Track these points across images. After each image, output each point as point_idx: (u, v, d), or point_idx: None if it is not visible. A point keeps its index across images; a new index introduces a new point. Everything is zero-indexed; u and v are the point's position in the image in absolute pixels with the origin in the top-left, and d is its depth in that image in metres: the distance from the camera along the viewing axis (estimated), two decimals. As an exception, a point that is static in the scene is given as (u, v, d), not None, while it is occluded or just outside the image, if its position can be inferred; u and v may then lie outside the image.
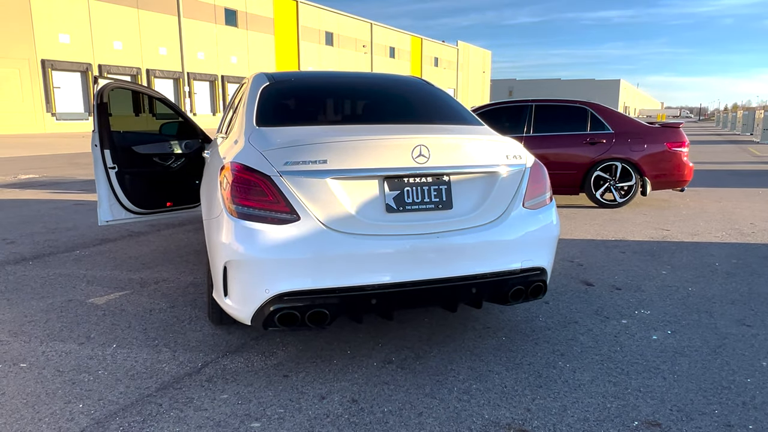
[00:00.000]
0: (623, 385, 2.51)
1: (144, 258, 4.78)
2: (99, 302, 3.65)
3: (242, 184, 2.43)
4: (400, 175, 2.51)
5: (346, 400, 2.39)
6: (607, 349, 2.89)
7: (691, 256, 4.80)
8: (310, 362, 2.75)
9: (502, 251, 2.62)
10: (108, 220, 4.54)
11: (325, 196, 2.40)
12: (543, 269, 2.77)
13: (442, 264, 2.50)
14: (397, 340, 3.00)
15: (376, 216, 2.47)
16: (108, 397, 2.43)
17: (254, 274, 2.37)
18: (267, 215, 2.39)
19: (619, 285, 3.98)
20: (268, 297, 2.37)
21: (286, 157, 2.42)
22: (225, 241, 2.44)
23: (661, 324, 3.24)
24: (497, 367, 2.69)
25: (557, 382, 2.54)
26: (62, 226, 6.12)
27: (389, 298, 2.47)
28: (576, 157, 7.32)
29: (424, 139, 2.51)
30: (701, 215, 6.80)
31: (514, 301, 2.74)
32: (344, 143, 2.44)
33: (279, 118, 2.88)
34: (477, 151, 2.64)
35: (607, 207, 7.32)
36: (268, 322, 2.42)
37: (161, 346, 2.96)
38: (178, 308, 3.53)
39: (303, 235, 2.36)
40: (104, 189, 4.47)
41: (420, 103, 3.28)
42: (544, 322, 3.26)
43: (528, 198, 2.76)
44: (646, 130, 7.26)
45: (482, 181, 2.66)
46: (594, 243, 5.31)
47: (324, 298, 2.39)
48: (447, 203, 2.58)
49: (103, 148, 4.39)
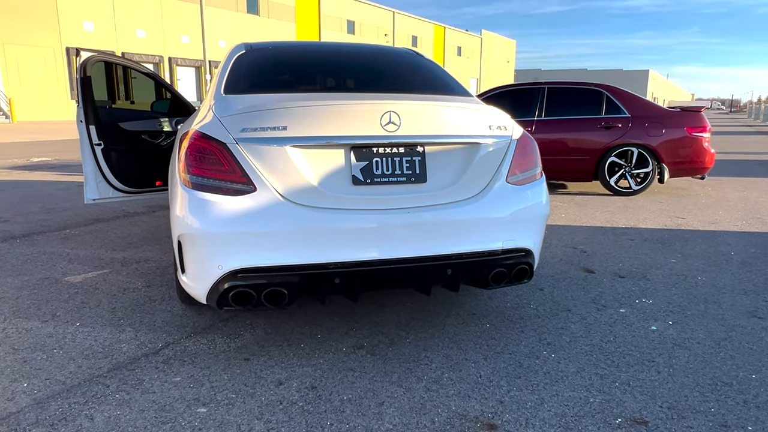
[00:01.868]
0: (611, 378, 2.28)
1: (132, 238, 4.67)
2: (74, 280, 3.54)
3: (197, 153, 2.25)
4: (369, 145, 2.30)
5: (305, 387, 2.21)
6: (599, 339, 2.65)
7: (705, 244, 4.50)
8: (275, 346, 2.58)
9: (482, 229, 2.40)
10: (94, 199, 4.43)
11: (285, 166, 2.21)
12: (528, 251, 2.54)
13: (413, 242, 2.30)
14: (372, 325, 2.81)
15: (341, 189, 2.27)
16: (56, 377, 2.29)
17: (207, 249, 2.20)
18: (221, 185, 2.21)
19: (622, 273, 3.72)
20: (222, 274, 2.20)
21: (243, 124, 2.23)
22: (178, 214, 2.28)
23: (663, 314, 2.98)
24: (475, 356, 2.48)
25: (538, 373, 2.32)
26: (60, 206, 6.06)
27: (354, 277, 2.28)
28: (590, 142, 6.99)
29: (395, 105, 2.30)
30: (721, 204, 6.43)
31: (496, 284, 2.52)
32: (306, 108, 2.24)
33: (247, 85, 2.69)
34: (456, 120, 2.42)
35: (622, 195, 6.99)
36: (223, 301, 2.25)
37: (126, 325, 2.83)
38: (154, 288, 3.40)
39: (259, 208, 2.18)
40: (90, 166, 4.36)
41: (403, 72, 3.06)
42: (535, 310, 3.03)
43: (513, 173, 2.53)
44: (665, 114, 6.90)
45: (461, 153, 2.44)
46: (602, 230, 5.03)
47: (282, 277, 2.21)
48: (420, 176, 2.36)
49: (88, 124, 4.26)
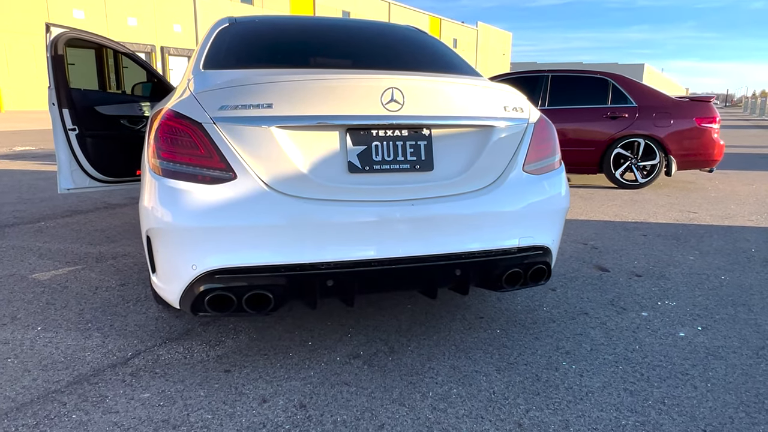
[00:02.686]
0: (642, 395, 2.00)
1: (111, 231, 4.34)
2: (42, 278, 3.22)
3: (168, 134, 1.94)
4: (367, 126, 2.00)
5: (293, 405, 1.92)
6: (623, 348, 2.37)
7: (722, 240, 4.23)
8: (260, 355, 2.28)
9: (496, 225, 2.11)
10: (69, 188, 4.11)
11: (270, 149, 1.91)
12: (546, 249, 2.25)
13: (417, 239, 2.00)
14: (370, 330, 2.52)
15: (335, 177, 1.97)
16: (6, 393, 1.99)
17: (178, 246, 1.89)
18: (196, 172, 1.90)
19: (639, 271, 3.44)
20: (196, 275, 1.90)
21: (222, 100, 1.92)
22: (147, 205, 1.97)
23: (690, 318, 2.71)
24: (486, 367, 2.19)
25: (559, 388, 2.04)
26: (37, 197, 5.72)
27: (350, 279, 1.98)
28: (595, 132, 6.71)
29: (397, 81, 1.99)
30: (732, 198, 6.17)
31: (510, 286, 2.23)
32: (295, 83, 1.93)
33: (230, 60, 2.38)
34: (467, 100, 2.12)
35: (628, 188, 6.72)
36: (198, 306, 1.95)
37: (93, 330, 2.52)
38: (129, 287, 3.09)
39: (239, 198, 1.87)
40: (64, 153, 4.03)
41: (406, 50, 2.75)
42: (549, 313, 2.74)
43: (530, 161, 2.23)
44: (674, 104, 6.61)
45: (472, 138, 2.14)
46: (611, 224, 4.75)
47: (266, 278, 1.91)
48: (426, 163, 2.06)
49: (61, 108, 3.93)
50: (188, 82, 2.20)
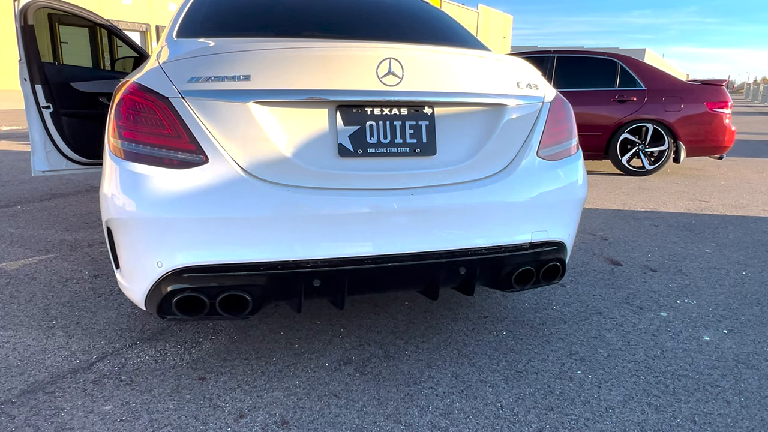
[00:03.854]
0: (669, 412, 1.77)
1: (90, 216, 4.09)
2: (10, 268, 2.97)
3: (131, 110, 1.67)
4: (361, 103, 1.73)
5: (273, 421, 1.69)
6: (643, 354, 2.14)
7: (739, 232, 3.99)
8: (240, 359, 2.05)
9: (506, 217, 1.86)
10: (43, 171, 3.84)
11: (247, 129, 1.64)
12: (561, 244, 2.01)
13: (417, 233, 1.75)
14: (363, 331, 2.28)
15: (322, 161, 1.71)
16: (-52, 403, 1.75)
17: (141, 240, 1.64)
18: (161, 155, 1.64)
19: (653, 265, 3.20)
20: (162, 273, 1.65)
21: (191, 72, 1.65)
22: (106, 192, 1.71)
23: (714, 320, 2.48)
24: (492, 376, 1.96)
25: (575, 402, 1.81)
26: (17, 179, 5.45)
27: (340, 279, 1.73)
28: (601, 117, 6.44)
29: (396, 51, 1.73)
30: (743, 186, 5.93)
31: (520, 286, 1.99)
32: (277, 52, 1.67)
33: (206, 28, 2.10)
34: (475, 74, 1.85)
35: (634, 174, 6.47)
36: (165, 309, 1.70)
37: (57, 328, 2.28)
38: (102, 279, 2.84)
39: (211, 185, 1.62)
40: (38, 133, 3.75)
41: (406, 20, 2.47)
42: (559, 312, 2.51)
43: (545, 145, 1.98)
44: (684, 87, 6.34)
45: (481, 118, 1.88)
46: (620, 214, 4.51)
47: (243, 277, 1.66)
48: (428, 146, 1.81)
49: (33, 83, 3.65)
50: (158, 52, 1.93)
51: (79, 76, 3.90)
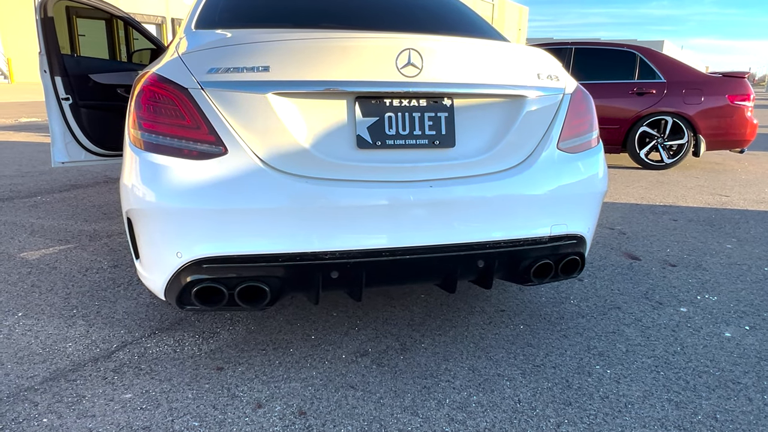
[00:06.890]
0: (690, 409, 1.75)
1: (109, 207, 4.13)
2: (31, 257, 3.02)
3: (150, 102, 1.68)
4: (380, 94, 1.72)
5: (291, 412, 1.70)
6: (663, 350, 2.12)
7: (761, 227, 3.92)
8: (258, 350, 2.06)
9: (525, 210, 1.84)
10: (63, 162, 3.88)
11: (266, 120, 1.64)
12: (581, 238, 1.99)
13: (435, 225, 1.74)
14: (379, 323, 2.28)
15: (341, 152, 1.70)
16: (-26, 389, 1.79)
17: (161, 230, 1.65)
18: (181, 146, 1.65)
19: (673, 260, 3.16)
20: (182, 264, 1.66)
21: (211, 63, 1.65)
22: (126, 183, 1.72)
23: (735, 316, 2.44)
24: (509, 370, 1.95)
25: (593, 398, 1.80)
26: (37, 170, 5.52)
27: (357, 271, 1.73)
28: (620, 109, 6.35)
29: (416, 41, 1.71)
30: (765, 180, 5.82)
31: (539, 280, 1.98)
32: (296, 43, 1.66)
33: (225, 19, 2.10)
34: (495, 65, 1.83)
35: (652, 168, 6.38)
36: (184, 299, 1.72)
37: (78, 317, 2.31)
38: (121, 269, 2.88)
39: (231, 176, 1.62)
40: (58, 125, 3.79)
41: (424, 9, 2.45)
42: (577, 306, 2.49)
43: (566, 137, 1.95)
44: (705, 79, 6.22)
45: (501, 109, 1.86)
46: (639, 208, 4.45)
47: (261, 269, 1.67)
48: (447, 138, 1.79)
49: (53, 75, 3.68)
50: (177, 44, 1.93)
51: (98, 67, 3.93)
